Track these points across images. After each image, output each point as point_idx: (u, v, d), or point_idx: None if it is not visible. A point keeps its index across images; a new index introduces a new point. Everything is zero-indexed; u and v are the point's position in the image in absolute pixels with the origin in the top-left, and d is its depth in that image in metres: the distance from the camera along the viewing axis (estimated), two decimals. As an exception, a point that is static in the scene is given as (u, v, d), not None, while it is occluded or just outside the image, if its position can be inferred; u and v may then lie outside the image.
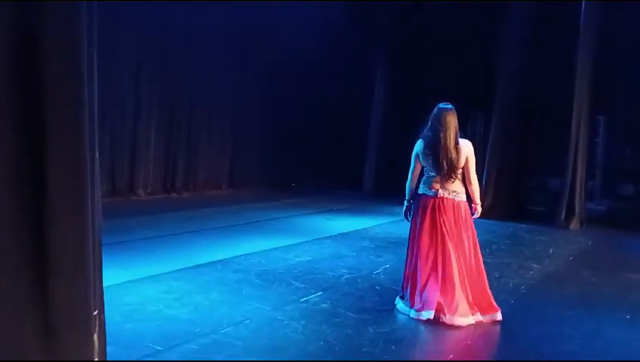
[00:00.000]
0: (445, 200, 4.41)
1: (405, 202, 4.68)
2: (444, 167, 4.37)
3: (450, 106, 4.46)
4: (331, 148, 13.25)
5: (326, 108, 13.16)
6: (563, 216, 9.24)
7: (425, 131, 4.48)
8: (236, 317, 4.19)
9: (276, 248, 6.50)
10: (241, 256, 6.02)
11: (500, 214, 9.17)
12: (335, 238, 7.35)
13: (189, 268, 5.43)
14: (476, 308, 4.31)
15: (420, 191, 4.54)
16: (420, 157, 4.50)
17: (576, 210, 9.29)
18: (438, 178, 4.44)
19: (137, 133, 9.81)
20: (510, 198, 9.81)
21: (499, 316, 4.37)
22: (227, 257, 5.91)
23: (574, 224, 9.21)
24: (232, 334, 3.86)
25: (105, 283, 2.76)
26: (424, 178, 4.54)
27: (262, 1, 10.78)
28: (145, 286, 4.77)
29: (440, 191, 4.43)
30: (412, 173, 4.60)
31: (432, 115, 4.47)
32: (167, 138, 10.40)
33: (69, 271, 2.39)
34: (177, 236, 6.94)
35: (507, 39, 9.96)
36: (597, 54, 9.40)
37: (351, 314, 4.37)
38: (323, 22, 12.27)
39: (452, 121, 4.38)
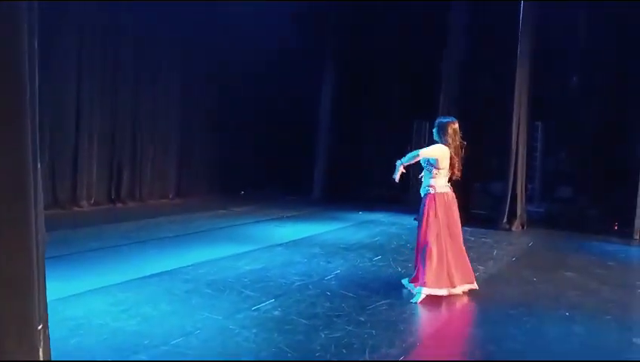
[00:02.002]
0: (452, 194, 5.36)
1: (405, 160, 5.24)
2: (456, 168, 5.27)
3: (454, 118, 5.38)
4: (280, 155, 13.26)
5: (274, 115, 13.17)
6: (505, 219, 9.58)
7: (442, 140, 5.25)
8: (186, 327, 4.13)
9: (226, 257, 6.44)
10: (190, 265, 5.93)
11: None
12: (286, 245, 7.35)
13: (136, 279, 5.32)
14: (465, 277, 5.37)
15: (442, 190, 5.27)
16: (443, 161, 5.22)
17: (518, 212, 9.65)
18: (445, 179, 5.30)
19: (79, 141, 9.47)
20: (455, 202, 10.07)
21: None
22: (176, 267, 5.82)
23: (516, 226, 9.56)
24: (182, 345, 3.81)
25: (48, 298, 2.68)
26: (439, 179, 5.27)
27: (209, 2, 10.63)
28: (90, 300, 4.64)
29: (449, 188, 5.35)
30: (426, 154, 5.25)
31: (441, 127, 5.28)
32: (111, 146, 10.11)
33: (11, 285, 2.31)
34: (123, 247, 6.78)
35: (448, 46, 10.25)
36: (534, 58, 9.81)
37: (302, 321, 4.39)
38: (269, 29, 12.29)
39: (458, 131, 5.30)
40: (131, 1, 9.59)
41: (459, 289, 5.27)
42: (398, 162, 5.25)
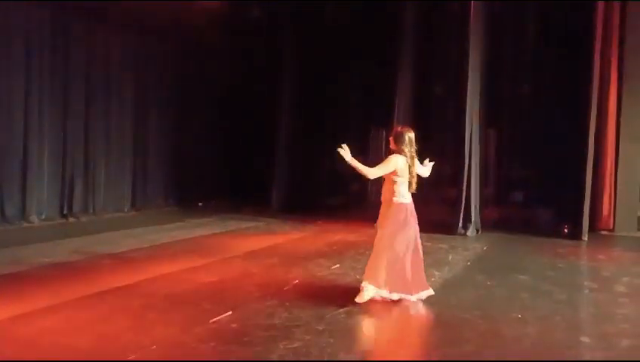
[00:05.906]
0: (412, 205, 5.38)
1: (355, 163, 5.12)
2: (415, 178, 5.30)
3: (409, 127, 5.46)
4: (238, 165, 13.18)
5: (231, 126, 13.09)
6: (460, 224, 9.77)
7: (399, 149, 5.26)
8: (142, 343, 4.06)
9: (183, 270, 6.36)
10: (146, 280, 5.83)
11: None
12: (244, 257, 7.30)
13: (89, 295, 5.19)
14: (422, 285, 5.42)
15: (406, 200, 5.30)
16: (399, 171, 5.22)
17: (472, 218, 9.85)
18: (406, 187, 5.29)
19: (28, 154, 9.17)
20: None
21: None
22: (132, 282, 5.71)
23: (471, 231, 9.76)
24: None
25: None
26: (402, 187, 5.27)
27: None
28: (41, 318, 4.50)
29: (411, 198, 5.36)
30: (379, 174, 5.25)
31: (397, 136, 5.30)
32: (62, 158, 9.81)
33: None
34: (76, 263, 6.61)
35: (401, 55, 10.42)
36: (486, 67, 10.08)
37: (260, 332, 4.37)
38: (225, 35, 12.23)
39: (414, 140, 5.32)
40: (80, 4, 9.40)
41: (414, 297, 5.31)
42: (351, 161, 5.11)
